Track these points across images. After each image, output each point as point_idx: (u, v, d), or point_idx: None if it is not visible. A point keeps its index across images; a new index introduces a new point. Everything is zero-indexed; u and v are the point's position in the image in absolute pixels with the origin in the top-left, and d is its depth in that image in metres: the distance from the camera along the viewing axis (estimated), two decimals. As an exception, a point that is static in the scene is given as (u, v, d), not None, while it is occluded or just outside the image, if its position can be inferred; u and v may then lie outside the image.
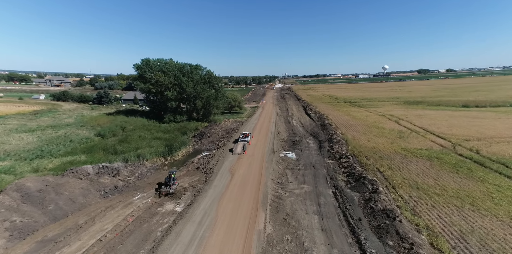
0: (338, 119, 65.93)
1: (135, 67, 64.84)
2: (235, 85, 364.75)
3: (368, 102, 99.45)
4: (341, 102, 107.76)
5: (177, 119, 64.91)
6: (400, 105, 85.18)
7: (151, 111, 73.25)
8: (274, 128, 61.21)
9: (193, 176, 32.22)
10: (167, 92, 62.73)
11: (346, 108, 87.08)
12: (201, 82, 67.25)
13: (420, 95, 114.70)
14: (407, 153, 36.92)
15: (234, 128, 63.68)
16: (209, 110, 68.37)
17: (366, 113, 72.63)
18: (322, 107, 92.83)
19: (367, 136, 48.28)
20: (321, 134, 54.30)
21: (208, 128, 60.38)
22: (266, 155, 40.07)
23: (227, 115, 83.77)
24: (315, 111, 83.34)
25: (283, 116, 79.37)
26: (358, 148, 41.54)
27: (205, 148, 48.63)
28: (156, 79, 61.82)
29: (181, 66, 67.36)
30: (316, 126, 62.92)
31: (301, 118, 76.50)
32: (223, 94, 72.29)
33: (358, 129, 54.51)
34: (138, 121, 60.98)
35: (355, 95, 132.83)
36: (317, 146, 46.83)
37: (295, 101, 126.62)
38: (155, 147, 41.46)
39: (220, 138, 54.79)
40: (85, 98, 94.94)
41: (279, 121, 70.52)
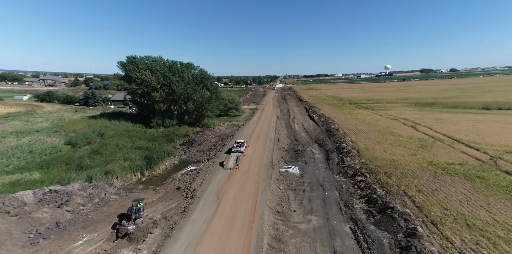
0: (345, 124, 58.98)
1: (120, 65, 58.11)
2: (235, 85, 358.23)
3: (375, 104, 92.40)
4: (346, 103, 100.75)
5: (166, 124, 58.12)
6: (412, 108, 78.11)
7: (138, 114, 66.51)
8: (274, 134, 54.32)
9: (171, 200, 25.39)
10: (154, 93, 55.96)
11: (352, 110, 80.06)
12: (193, 82, 60.43)
13: (431, 96, 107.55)
14: (437, 169, 29.99)
15: (230, 134, 56.85)
16: (202, 114, 61.56)
17: (376, 116, 65.63)
18: (326, 109, 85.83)
19: (382, 144, 41.35)
20: (328, 142, 47.39)
21: (200, 133, 53.56)
22: (264, 170, 33.20)
23: (223, 118, 76.98)
24: (319, 114, 76.39)
25: (284, 120, 72.46)
26: (374, 160, 34.65)
27: (193, 158, 41.80)
28: (142, 79, 55.05)
29: (171, 64, 60.56)
30: (321, 132, 55.98)
31: (303, 122, 69.58)
32: (218, 96, 65.50)
33: (370, 135, 47.57)
34: (121, 126, 54.23)
35: (360, 96, 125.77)
36: (324, 157, 39.94)
37: (296, 102, 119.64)
38: (131, 160, 34.63)
39: (212, 146, 47.97)
40: (71, 99, 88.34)
41: (280, 126, 63.63)
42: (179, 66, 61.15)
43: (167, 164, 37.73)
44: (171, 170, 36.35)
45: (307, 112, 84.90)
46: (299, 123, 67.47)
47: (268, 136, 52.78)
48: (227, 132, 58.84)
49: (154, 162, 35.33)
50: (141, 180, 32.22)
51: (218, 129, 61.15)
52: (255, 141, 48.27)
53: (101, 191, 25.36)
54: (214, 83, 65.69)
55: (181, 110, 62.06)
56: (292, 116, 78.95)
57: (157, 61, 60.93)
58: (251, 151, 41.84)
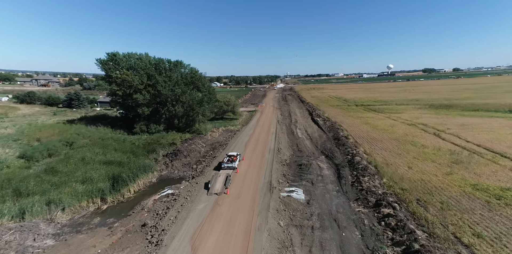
0: (355, 130, 51.64)
1: (98, 63, 50.92)
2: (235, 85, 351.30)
3: (384, 106, 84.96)
4: (351, 105, 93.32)
5: (151, 130, 50.96)
6: (427, 110, 70.65)
7: (122, 118, 59.33)
8: (273, 142, 47.03)
9: (127, 249, 18.16)
10: (137, 95, 48.78)
11: (361, 113, 72.67)
12: (182, 82, 53.20)
13: (443, 97, 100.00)
14: (489, 197, 22.68)
15: (223, 142, 49.60)
16: (192, 118, 54.37)
17: (388, 121, 58.23)
18: (331, 112, 78.44)
19: (404, 158, 34.03)
20: (337, 153, 40.09)
21: (188, 142, 46.33)
22: (259, 194, 25.94)
23: (218, 122, 69.78)
24: (323, 118, 69.03)
25: (285, 124, 65.14)
26: (399, 181, 27.39)
27: (176, 174, 34.57)
28: (123, 78, 47.87)
29: (157, 62, 53.33)
30: (327, 139, 48.66)
31: (307, 126, 62.27)
32: (211, 98, 58.24)
33: (386, 145, 40.24)
34: (98, 133, 47.08)
35: (365, 97, 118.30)
36: (334, 173, 32.68)
37: (298, 104, 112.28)
38: (93, 180, 27.39)
39: (201, 158, 40.75)
40: (53, 100, 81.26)
41: (280, 132, 56.33)
42: (166, 65, 53.91)
43: (142, 183, 30.54)
44: (145, 192, 29.15)
45: (310, 115, 77.56)
46: (302, 129, 60.15)
47: (266, 144, 45.48)
48: (220, 139, 51.58)
49: (124, 182, 28.12)
50: (101, 208, 25.00)
51: (211, 136, 53.88)
52: (251, 152, 40.98)
53: (28, 234, 18.17)
54: (207, 84, 58.42)
55: (169, 114, 54.87)
56: (294, 120, 71.65)
57: (141, 59, 53.72)
58: (246, 165, 34.57)
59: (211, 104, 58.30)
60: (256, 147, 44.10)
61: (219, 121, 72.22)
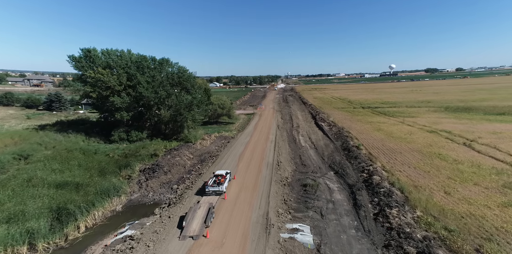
0: (367, 138, 44.64)
1: (71, 60, 44.04)
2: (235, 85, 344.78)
3: (394, 109, 77.87)
4: (358, 108, 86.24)
5: (132, 138, 44.11)
6: (444, 114, 63.54)
7: (102, 123, 52.43)
8: (272, 153, 40.07)
9: None
10: (113, 98, 41.90)
11: (369, 117, 65.60)
12: (168, 83, 46.29)
13: (456, 98, 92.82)
14: None
15: (214, 152, 42.68)
16: (180, 124, 47.42)
17: (404, 127, 51.15)
18: (336, 115, 71.39)
19: (435, 178, 27.03)
20: (348, 168, 33.10)
21: (172, 152, 39.38)
22: (252, 237, 18.96)
23: (212, 127, 62.88)
24: (329, 123, 61.99)
25: (286, 130, 58.14)
26: (439, 215, 20.45)
27: (150, 198, 27.63)
28: (97, 78, 41.00)
29: (140, 60, 46.39)
30: (335, 150, 41.67)
31: (310, 132, 55.29)
32: (202, 101, 51.26)
33: (408, 159, 33.20)
34: (67, 142, 40.25)
35: (371, 98, 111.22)
36: (348, 198, 25.75)
37: (300, 105, 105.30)
38: (25, 216, 20.41)
39: (185, 174, 33.84)
40: (33, 102, 74.53)
41: (280, 139, 49.38)
42: (150, 63, 46.97)
43: (101, 215, 23.60)
44: (102, 228, 22.20)
45: (314, 119, 70.56)
46: (305, 135, 53.18)
47: (264, 156, 38.51)
48: (211, 149, 44.64)
49: (71, 216, 21.20)
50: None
51: (201, 144, 46.94)
52: (245, 167, 34.02)
53: None
54: (197, 85, 51.39)
55: (153, 119, 48.00)
56: (296, 124, 64.68)
57: (121, 56, 46.84)
58: (237, 187, 27.62)
59: (202, 108, 51.34)
60: (252, 160, 37.13)
61: (213, 126, 65.34)
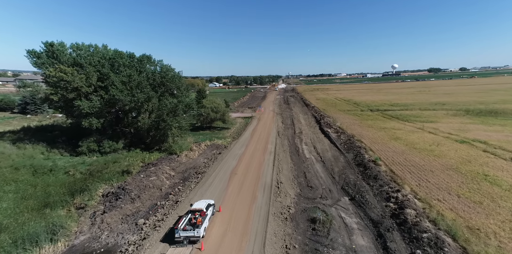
0: (384, 150, 37.40)
1: (30, 55, 36.92)
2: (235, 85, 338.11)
3: (407, 112, 70.58)
4: (365, 110, 78.92)
5: (105, 149, 37.09)
6: (467, 118, 56.11)
7: (70, 129, 45.25)
8: (271, 170, 32.92)
9: None
10: (79, 102, 34.81)
11: (381, 122, 58.30)
12: (147, 84, 39.16)
13: (472, 99, 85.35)
14: None
15: (201, 167, 35.52)
16: (163, 132, 40.25)
17: (425, 135, 43.81)
18: (343, 119, 64.14)
19: (496, 215, 19.80)
20: (368, 193, 25.87)
21: (149, 169, 32.22)
22: None
23: (203, 133, 55.77)
24: (336, 129, 54.71)
25: (287, 138, 50.88)
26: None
27: (102, 242, 20.25)
28: (59, 77, 33.93)
29: (115, 56, 39.25)
30: (347, 165, 34.40)
31: (315, 140, 48.06)
32: (190, 105, 44.09)
33: (445, 181, 25.93)
34: (18, 156, 33.20)
35: (379, 100, 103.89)
36: (376, 246, 18.48)
37: (302, 108, 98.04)
38: None
39: (160, 199, 26.70)
40: (6, 104, 67.57)
41: (281, 150, 42.20)
42: (126, 60, 39.86)
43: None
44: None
45: (318, 124, 63.29)
46: (310, 144, 45.98)
47: (260, 175, 31.36)
48: (198, 163, 37.47)
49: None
50: None
51: (187, 156, 39.77)
52: (235, 192, 26.88)
53: None
54: (184, 86, 44.11)
55: (131, 127, 40.90)
56: (298, 130, 57.48)
57: (94, 52, 39.73)
58: (222, 226, 20.46)
59: (189, 113, 44.22)
60: (246, 180, 29.98)
61: (205, 132, 58.23)
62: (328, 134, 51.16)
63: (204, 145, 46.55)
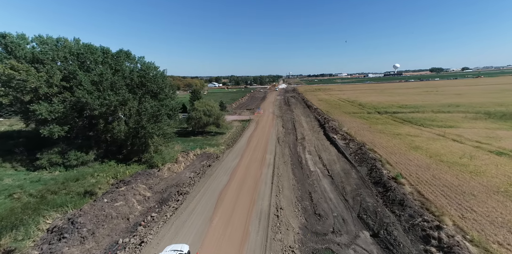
0: (403, 162, 31.27)
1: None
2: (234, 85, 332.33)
3: (419, 114, 64.46)
4: (373, 113, 72.75)
5: (71, 161, 31.00)
6: (491, 122, 49.94)
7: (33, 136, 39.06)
8: (268, 190, 26.82)
9: None
10: (36, 105, 28.71)
11: (393, 126, 52.17)
12: (123, 85, 32.99)
13: (488, 100, 79.10)
14: None
15: (185, 184, 29.44)
16: (143, 141, 34.10)
17: (449, 143, 37.66)
18: (350, 123, 58.05)
19: None
20: (393, 226, 19.73)
21: (119, 188, 26.12)
22: None
23: (195, 139, 49.71)
24: (342, 134, 48.55)
25: (289, 145, 44.72)
26: None
27: None
28: (9, 75, 27.84)
29: (83, 51, 32.99)
30: (361, 181, 28.27)
31: (320, 148, 41.93)
32: (175, 108, 37.94)
33: (499, 212, 19.81)
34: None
35: (385, 101, 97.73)
36: None
37: (304, 109, 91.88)
38: None
39: (124, 234, 20.58)
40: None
41: (281, 162, 36.06)
42: (99, 56, 33.70)
43: None
44: None
45: (322, 128, 57.14)
46: (314, 153, 39.87)
47: (256, 197, 25.27)
48: (183, 179, 31.35)
49: None
50: None
51: (170, 170, 33.64)
52: (223, 225, 20.75)
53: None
54: (168, 87, 37.87)
55: (105, 135, 34.77)
56: (301, 135, 51.37)
57: (59, 47, 33.52)
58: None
59: (175, 119, 38.15)
60: (237, 205, 23.87)
61: (197, 138, 52.14)
62: (334, 141, 45.01)
63: (193, 154, 40.48)
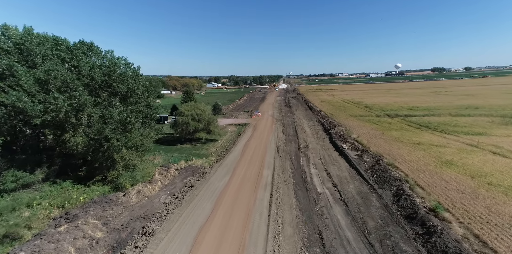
0: (438, 185, 24.29)
1: None
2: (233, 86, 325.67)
3: (434, 118, 57.53)
4: (382, 116, 65.75)
5: (6, 184, 23.83)
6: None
7: None
8: (264, 230, 19.78)
9: None
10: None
11: (411, 133, 45.16)
12: (80, 85, 25.91)
13: (510, 102, 72.00)
14: None
15: (153, 220, 22.40)
16: (108, 156, 27.00)
17: (490, 157, 30.59)
18: (359, 129, 51.12)
19: None
20: None
21: (59, 226, 19.16)
22: None
23: (180, 150, 42.80)
24: (353, 143, 41.50)
25: (290, 156, 37.61)
26: None
27: None
28: None
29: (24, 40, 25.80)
30: (387, 214, 21.19)
31: (327, 161, 34.87)
32: (152, 115, 30.93)
33: None
34: None
35: (393, 102, 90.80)
36: None
37: (306, 111, 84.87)
38: None
39: None
40: None
41: (281, 180, 29.05)
42: (48, 49, 26.58)
43: None
44: None
45: (327, 134, 50.14)
46: (320, 167, 32.86)
47: (246, 242, 18.22)
48: (155, 206, 24.33)
49: None
50: None
51: (140, 193, 26.53)
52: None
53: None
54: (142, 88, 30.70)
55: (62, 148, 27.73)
56: (303, 143, 44.39)
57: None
58: None
59: (150, 127, 31.10)
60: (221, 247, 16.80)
61: (184, 146, 45.24)
62: (344, 152, 37.97)
63: (176, 169, 33.53)
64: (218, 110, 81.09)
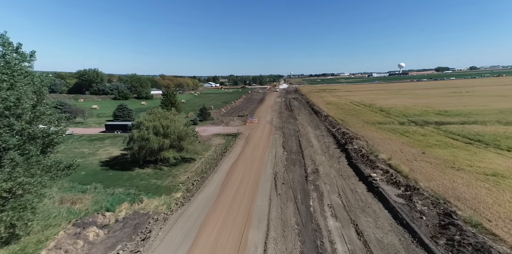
0: None
1: None
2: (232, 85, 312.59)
3: (479, 127, 44.43)
4: (406, 123, 52.50)
5: None
6: None
7: None
8: None
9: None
10: None
11: (467, 154, 31.93)
12: None
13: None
14: None
15: None
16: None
17: None
18: (385, 144, 37.97)
19: None
20: None
21: None
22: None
23: (133, 178, 29.56)
24: (386, 170, 28.11)
25: (294, 194, 24.17)
26: None
27: None
28: None
29: None
30: None
31: (351, 201, 21.48)
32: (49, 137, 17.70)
33: None
34: None
35: (410, 105, 77.68)
36: None
37: (310, 116, 71.54)
38: None
39: None
40: None
41: (279, 250, 15.76)
42: None
43: None
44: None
45: (343, 151, 36.79)
46: (343, 215, 19.58)
47: None
48: None
49: None
50: None
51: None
52: None
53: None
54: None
55: None
56: (312, 166, 31.12)
57: None
58: None
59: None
60: None
61: (144, 170, 32.11)
62: (375, 186, 24.68)
63: (103, 225, 20.34)
64: (206, 116, 68.00)
